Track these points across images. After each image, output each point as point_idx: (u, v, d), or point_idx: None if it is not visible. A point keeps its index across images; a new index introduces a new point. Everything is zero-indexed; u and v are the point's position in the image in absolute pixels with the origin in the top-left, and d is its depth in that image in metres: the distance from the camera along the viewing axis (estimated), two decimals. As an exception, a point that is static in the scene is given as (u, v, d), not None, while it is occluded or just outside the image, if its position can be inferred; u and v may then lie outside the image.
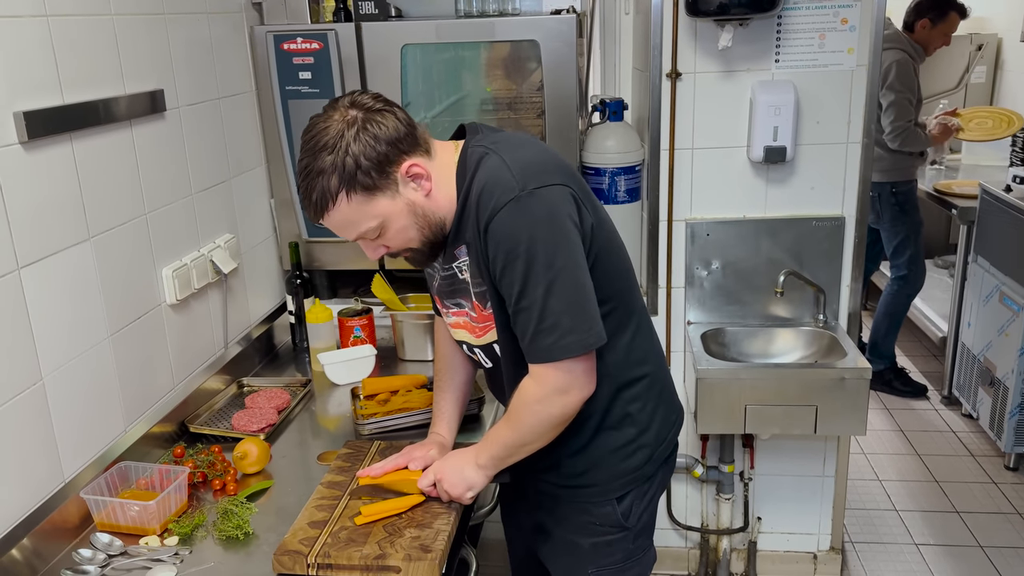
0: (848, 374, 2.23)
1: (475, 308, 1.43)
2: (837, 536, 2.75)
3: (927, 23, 3.63)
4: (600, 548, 1.52)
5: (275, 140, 2.29)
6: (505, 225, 1.26)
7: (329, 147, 1.25)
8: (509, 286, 1.29)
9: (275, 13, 2.27)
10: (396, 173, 1.29)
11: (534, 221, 1.26)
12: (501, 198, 1.26)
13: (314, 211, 1.30)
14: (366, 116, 1.27)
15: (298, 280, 2.30)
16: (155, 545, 1.48)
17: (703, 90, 2.35)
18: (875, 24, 2.25)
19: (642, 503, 1.53)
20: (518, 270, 1.26)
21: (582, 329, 1.28)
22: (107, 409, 1.67)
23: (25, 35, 1.44)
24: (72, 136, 1.55)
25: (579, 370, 1.32)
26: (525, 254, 1.25)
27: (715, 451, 2.65)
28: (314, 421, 1.98)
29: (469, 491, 1.46)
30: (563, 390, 1.33)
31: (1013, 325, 3.13)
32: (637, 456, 1.49)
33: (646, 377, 1.50)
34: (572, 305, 1.28)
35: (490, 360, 1.50)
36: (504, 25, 2.19)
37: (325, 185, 1.26)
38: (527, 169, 1.29)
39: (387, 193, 1.29)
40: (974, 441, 3.55)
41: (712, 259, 2.47)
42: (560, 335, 1.27)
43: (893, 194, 3.68)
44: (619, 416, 1.47)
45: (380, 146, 1.26)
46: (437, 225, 1.36)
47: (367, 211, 1.29)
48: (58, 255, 1.52)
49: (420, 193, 1.32)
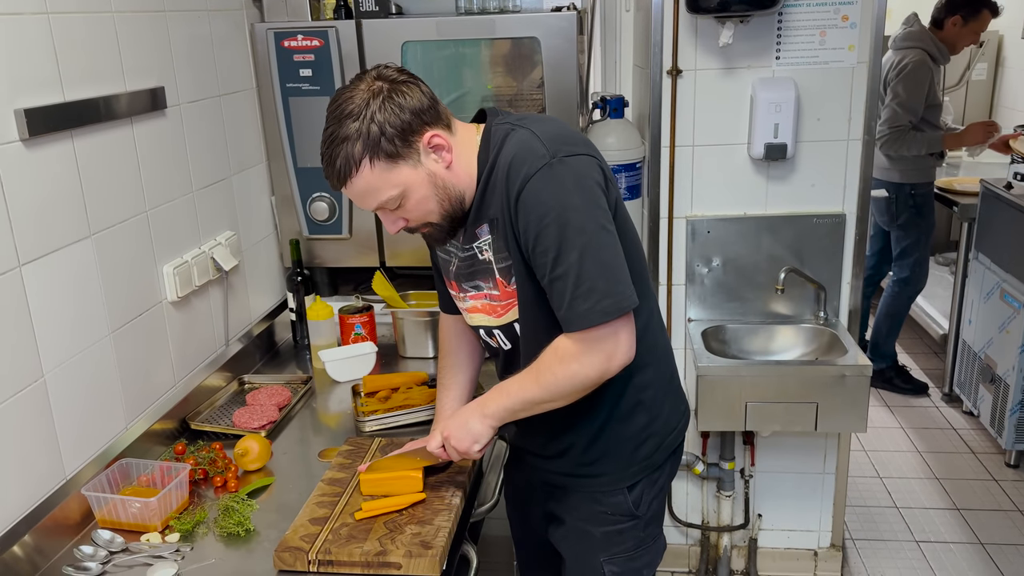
0: (849, 371, 2.23)
1: (498, 285, 1.42)
2: (838, 533, 2.75)
3: (959, 20, 3.52)
4: (612, 537, 1.53)
5: (276, 137, 2.29)
6: (537, 192, 1.27)
7: (355, 115, 1.27)
8: (543, 254, 1.29)
9: (276, 10, 2.27)
10: (418, 143, 1.31)
11: (565, 187, 1.27)
12: (533, 164, 1.28)
13: (337, 178, 1.32)
14: (391, 87, 1.29)
15: (299, 277, 2.31)
16: (156, 542, 1.49)
17: (704, 87, 2.35)
18: (876, 21, 2.25)
19: (652, 491, 1.54)
20: (552, 236, 1.27)
21: (617, 292, 1.28)
22: (108, 406, 1.67)
23: (26, 32, 1.45)
24: (73, 133, 1.55)
25: (623, 333, 1.31)
26: (557, 220, 1.26)
27: (716, 448, 2.65)
28: (315, 418, 1.98)
29: (475, 444, 1.44)
30: (608, 355, 1.31)
31: (1014, 322, 3.13)
32: (647, 445, 1.50)
33: (658, 366, 1.51)
34: (606, 268, 1.28)
35: (509, 341, 1.49)
36: (505, 22, 2.19)
37: (349, 152, 1.28)
38: (556, 139, 1.31)
39: (409, 162, 1.31)
40: (975, 438, 3.55)
41: (713, 256, 2.47)
42: (597, 299, 1.27)
43: (911, 195, 3.61)
44: (631, 404, 1.48)
45: (404, 115, 1.28)
46: (457, 199, 1.37)
47: (389, 179, 1.31)
48: (59, 252, 1.52)
49: (441, 165, 1.34)
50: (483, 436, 1.44)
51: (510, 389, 1.41)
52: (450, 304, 1.63)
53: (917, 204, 3.64)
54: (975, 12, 3.53)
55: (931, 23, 3.61)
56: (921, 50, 3.48)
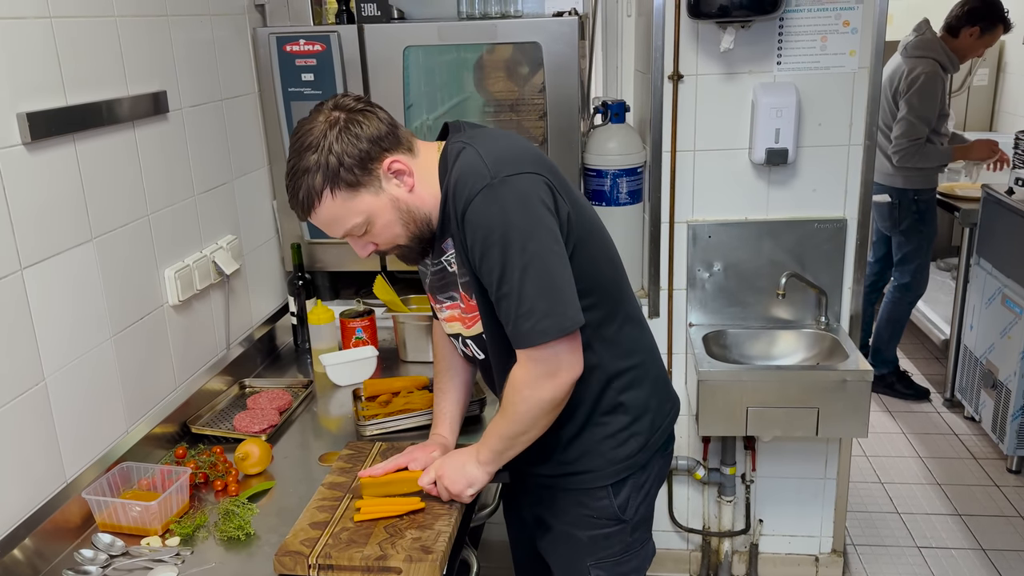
0: (850, 376, 2.22)
1: (463, 299, 1.45)
2: (839, 538, 2.74)
3: (976, 31, 3.50)
4: (598, 541, 1.54)
5: (277, 142, 2.29)
6: (479, 213, 1.29)
7: (313, 147, 1.30)
8: (489, 274, 1.31)
9: (278, 15, 2.28)
10: (378, 170, 1.33)
11: (506, 207, 1.29)
12: (474, 187, 1.29)
13: (301, 209, 1.34)
14: (348, 116, 1.32)
15: (300, 281, 2.31)
16: (156, 545, 1.49)
17: (705, 92, 2.35)
18: (877, 26, 2.25)
19: (639, 495, 1.54)
20: (495, 257, 1.29)
21: (558, 312, 1.30)
22: (109, 410, 1.67)
23: (28, 36, 1.45)
24: (75, 137, 1.56)
25: (563, 352, 1.33)
26: (500, 241, 1.28)
27: (716, 453, 2.65)
28: (316, 422, 1.98)
29: (470, 488, 1.47)
30: (550, 373, 1.34)
31: (1016, 328, 3.13)
32: (630, 444, 1.50)
33: (637, 367, 1.52)
34: (546, 289, 1.29)
35: (481, 351, 1.51)
36: (506, 27, 2.19)
37: (310, 184, 1.30)
38: (500, 159, 1.32)
39: (370, 189, 1.33)
40: (976, 444, 3.54)
41: (714, 261, 2.47)
42: (537, 319, 1.29)
43: (915, 201, 3.60)
44: (610, 405, 1.48)
45: (362, 143, 1.30)
46: (423, 221, 1.39)
47: (352, 207, 1.33)
48: (61, 256, 1.52)
49: (403, 189, 1.36)
50: (479, 481, 1.47)
51: (491, 432, 1.45)
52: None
53: (920, 210, 3.63)
54: (992, 26, 3.51)
55: (945, 30, 3.57)
56: (933, 60, 3.45)
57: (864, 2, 2.24)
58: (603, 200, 2.39)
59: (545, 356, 1.32)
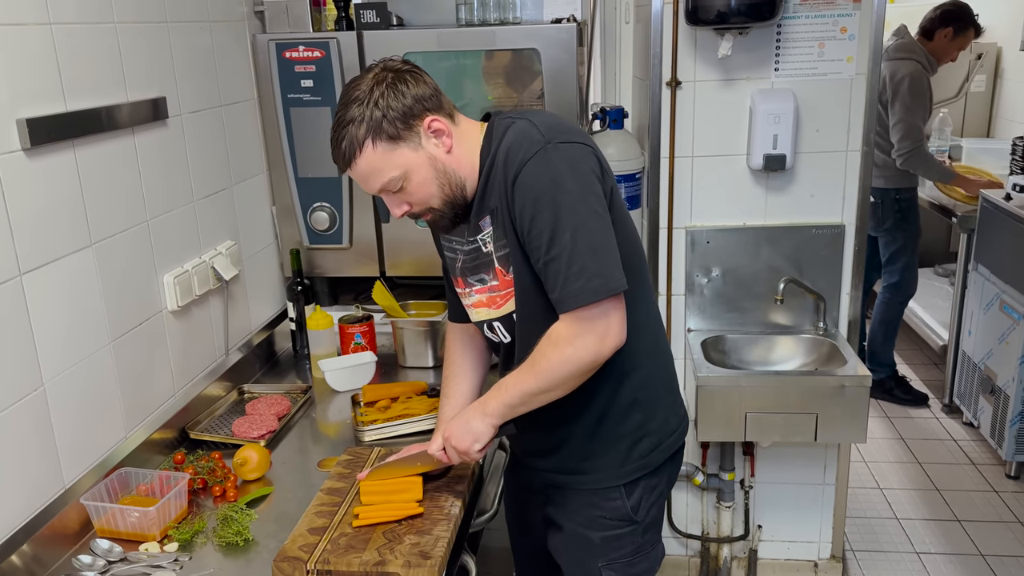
0: (848, 382, 2.23)
1: (497, 275, 1.45)
2: (838, 544, 2.74)
3: (949, 32, 3.60)
4: (610, 542, 1.53)
5: (277, 148, 2.30)
6: (532, 175, 1.32)
7: (359, 100, 1.34)
8: (538, 236, 1.32)
9: (277, 21, 2.28)
10: (419, 126, 1.36)
11: (559, 170, 1.32)
12: (529, 150, 1.33)
13: (343, 160, 1.37)
14: (396, 75, 1.37)
15: (299, 287, 2.31)
16: (155, 551, 1.48)
17: (703, 98, 2.36)
18: (874, 33, 2.26)
19: (651, 496, 1.54)
20: (546, 218, 1.31)
21: (607, 273, 1.31)
22: (107, 415, 1.67)
23: (28, 42, 1.45)
24: (74, 143, 1.56)
25: (613, 313, 1.33)
26: (552, 203, 1.30)
27: (715, 459, 2.65)
28: (314, 428, 1.98)
29: (476, 443, 1.45)
30: (600, 336, 1.33)
31: (1014, 333, 3.13)
32: (643, 443, 1.51)
33: (655, 365, 1.53)
34: (597, 250, 1.31)
35: (509, 333, 1.51)
36: (505, 33, 2.20)
37: (353, 134, 1.34)
38: (553, 128, 1.36)
39: (410, 144, 1.36)
40: (975, 449, 3.54)
41: (712, 266, 2.48)
42: (588, 278, 1.30)
43: (896, 200, 3.66)
44: (627, 401, 1.48)
45: (406, 100, 1.35)
46: (457, 185, 1.41)
47: (390, 160, 1.36)
48: (60, 261, 1.53)
49: (442, 149, 1.39)
50: (484, 435, 1.45)
51: (507, 384, 1.43)
52: (458, 313, 1.64)
53: (902, 209, 3.69)
54: (963, 28, 3.64)
55: (920, 33, 3.68)
56: (914, 61, 3.54)
57: (861, 9, 2.25)
58: (602, 206, 2.39)
59: (595, 315, 1.32)
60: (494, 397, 1.44)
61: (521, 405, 1.42)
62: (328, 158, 1.40)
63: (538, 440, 1.54)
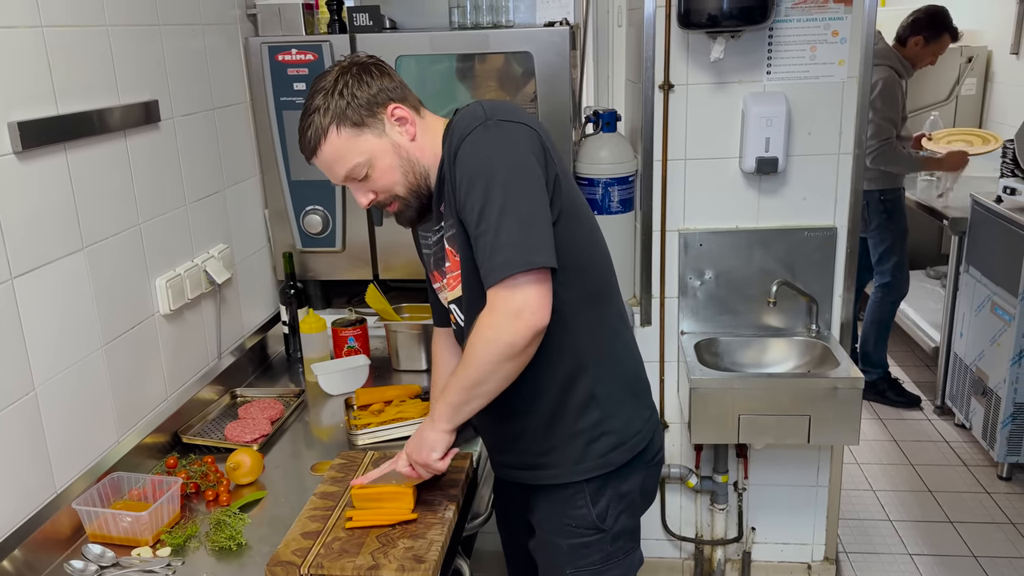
0: (841, 384, 2.23)
1: (448, 255, 1.47)
2: (831, 546, 2.75)
3: (921, 40, 3.69)
4: (577, 549, 1.53)
5: (269, 151, 2.29)
6: (470, 149, 1.34)
7: (325, 90, 1.39)
8: (471, 211, 1.33)
9: (270, 24, 2.28)
10: (382, 114, 1.40)
11: (496, 145, 1.34)
12: (469, 125, 1.35)
13: (308, 147, 1.41)
14: (361, 67, 1.41)
15: (292, 290, 2.31)
16: (147, 556, 1.48)
17: (695, 102, 2.37)
18: (866, 36, 2.27)
19: (619, 504, 1.52)
20: (478, 192, 1.32)
21: (531, 247, 1.30)
22: (100, 419, 1.66)
23: (20, 45, 1.45)
24: (66, 146, 1.56)
25: (531, 291, 1.30)
26: (485, 176, 1.32)
27: (709, 461, 2.65)
28: (307, 431, 1.98)
29: (432, 452, 1.44)
30: (515, 312, 1.30)
31: (1005, 335, 3.15)
32: (602, 442, 1.49)
33: (616, 362, 1.52)
34: (524, 225, 1.31)
35: (463, 316, 1.50)
36: (498, 37, 2.20)
37: (318, 122, 1.38)
38: (499, 108, 1.39)
39: (374, 130, 1.39)
40: (967, 451, 3.56)
41: (705, 269, 2.48)
42: (510, 253, 1.29)
43: (881, 201, 3.71)
44: (583, 397, 1.47)
45: (371, 88, 1.39)
46: (421, 174, 1.43)
47: (355, 146, 1.39)
48: (51, 265, 1.52)
49: (405, 137, 1.41)
50: (438, 442, 1.44)
51: (448, 385, 1.42)
52: (441, 318, 1.64)
53: (888, 209, 3.73)
54: (937, 34, 3.71)
55: (895, 40, 3.75)
56: (888, 67, 3.61)
57: (853, 12, 2.26)
58: (595, 209, 2.40)
59: (511, 293, 1.30)
60: (440, 401, 1.43)
61: (464, 404, 1.40)
62: None
63: (496, 433, 1.55)
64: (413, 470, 1.50)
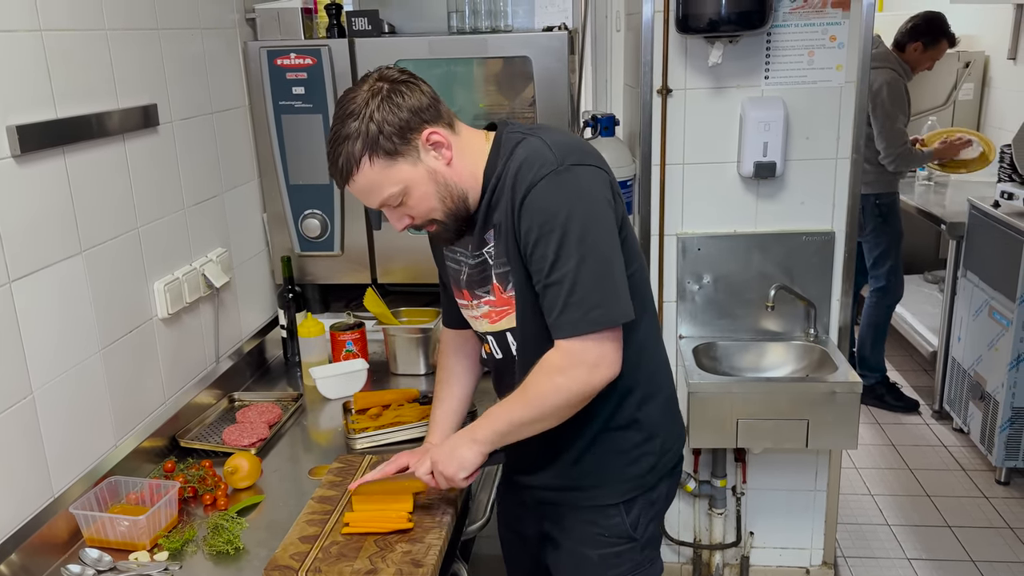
0: (839, 388, 2.23)
1: (495, 291, 1.43)
2: (829, 551, 2.75)
3: (920, 46, 3.72)
4: (608, 559, 1.52)
5: (268, 155, 2.30)
6: (542, 198, 1.29)
7: (354, 114, 1.31)
8: (541, 260, 1.30)
9: (269, 29, 2.28)
10: (417, 140, 1.33)
11: (570, 195, 1.30)
12: (540, 171, 1.30)
13: (340, 176, 1.35)
14: (391, 87, 1.33)
15: (290, 294, 2.30)
16: (145, 560, 1.48)
17: (693, 106, 2.37)
18: (863, 42, 2.28)
19: (649, 513, 1.53)
20: (552, 243, 1.29)
21: (610, 303, 1.30)
22: (97, 423, 1.66)
23: (19, 49, 1.45)
24: (65, 150, 1.56)
25: (608, 345, 1.31)
26: (560, 228, 1.28)
27: (707, 465, 2.65)
28: (305, 435, 1.97)
29: (462, 471, 1.41)
30: (592, 365, 1.31)
31: (1003, 339, 3.15)
32: (642, 463, 1.49)
33: (654, 384, 1.51)
34: (602, 279, 1.30)
35: (501, 351, 1.49)
36: (497, 41, 2.20)
37: (350, 150, 1.31)
38: (566, 148, 1.34)
39: (408, 159, 1.33)
40: (965, 455, 3.56)
41: (703, 273, 2.48)
42: (589, 308, 1.28)
43: (876, 205, 3.72)
44: (627, 419, 1.47)
45: (403, 113, 1.31)
46: (459, 197, 1.38)
47: (389, 176, 1.33)
48: (49, 268, 1.52)
49: (441, 162, 1.36)
50: (470, 463, 1.41)
51: (499, 412, 1.40)
52: (452, 318, 1.63)
53: (882, 213, 3.75)
54: (935, 41, 3.75)
55: (893, 45, 3.78)
56: (890, 69, 3.64)
57: (850, 17, 2.27)
58: (593, 213, 2.40)
59: (589, 347, 1.30)
60: (483, 426, 1.41)
61: (510, 434, 1.39)
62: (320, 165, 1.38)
63: (527, 456, 1.51)
64: (433, 478, 1.46)
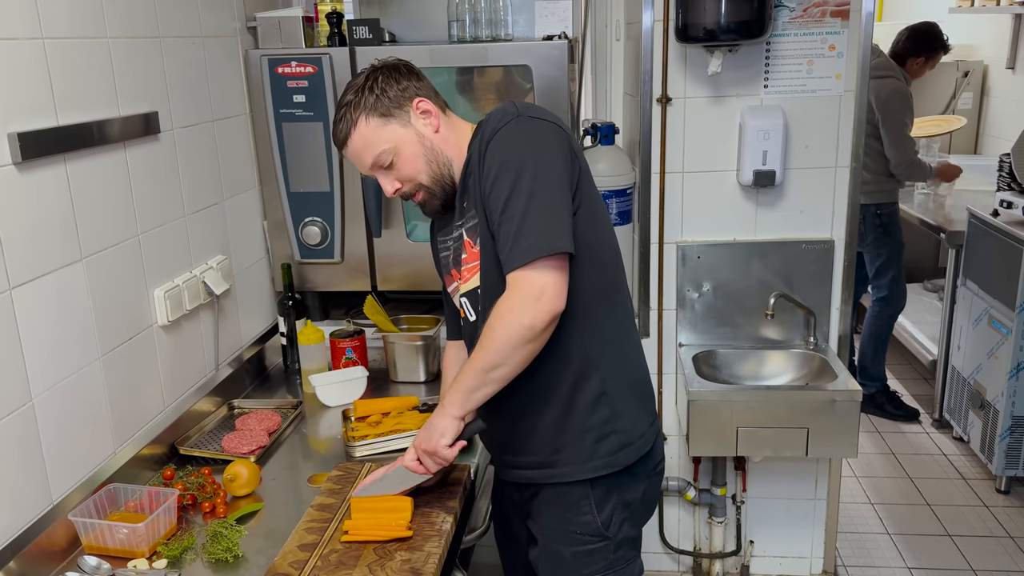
0: (839, 396, 2.23)
1: (466, 247, 1.51)
2: (829, 560, 2.74)
3: (922, 61, 3.75)
4: (581, 557, 1.54)
5: (268, 162, 2.30)
6: (501, 142, 1.41)
7: (357, 86, 1.49)
8: (497, 199, 1.39)
9: (269, 37, 2.29)
10: (408, 106, 1.49)
11: (528, 139, 1.41)
12: (502, 121, 1.43)
13: (339, 137, 1.50)
14: (392, 67, 1.51)
15: (290, 301, 2.31)
16: (144, 568, 1.47)
17: (693, 115, 2.38)
18: (862, 51, 2.29)
19: (623, 512, 1.54)
20: (507, 180, 1.38)
21: (552, 234, 1.37)
22: (97, 430, 1.66)
23: (20, 57, 1.46)
24: (66, 157, 1.56)
25: (550, 276, 1.36)
26: (515, 166, 1.39)
27: (707, 474, 2.65)
28: (305, 443, 1.97)
29: (441, 437, 1.48)
30: (536, 295, 1.36)
31: (1002, 348, 3.15)
32: (611, 440, 1.50)
33: (626, 362, 1.55)
34: (549, 214, 1.38)
35: (474, 312, 1.54)
36: (497, 50, 2.21)
37: (349, 115, 1.48)
38: (532, 107, 1.47)
39: (400, 120, 1.48)
40: (965, 464, 3.55)
41: (703, 281, 2.49)
42: (533, 239, 1.36)
43: (877, 215, 3.72)
44: (594, 394, 1.49)
45: (399, 83, 1.49)
46: (444, 164, 1.51)
47: (381, 135, 1.47)
48: (50, 275, 1.52)
49: (429, 129, 1.50)
50: (448, 428, 1.48)
51: (463, 369, 1.46)
52: (455, 331, 1.68)
53: (883, 223, 3.75)
54: (935, 52, 3.79)
55: (892, 57, 3.78)
56: (894, 78, 3.64)
57: (849, 27, 2.28)
58: (593, 221, 2.40)
59: (532, 277, 1.36)
60: (449, 393, 1.48)
61: (477, 389, 1.43)
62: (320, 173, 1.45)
63: (505, 432, 1.55)
64: (420, 464, 1.52)
